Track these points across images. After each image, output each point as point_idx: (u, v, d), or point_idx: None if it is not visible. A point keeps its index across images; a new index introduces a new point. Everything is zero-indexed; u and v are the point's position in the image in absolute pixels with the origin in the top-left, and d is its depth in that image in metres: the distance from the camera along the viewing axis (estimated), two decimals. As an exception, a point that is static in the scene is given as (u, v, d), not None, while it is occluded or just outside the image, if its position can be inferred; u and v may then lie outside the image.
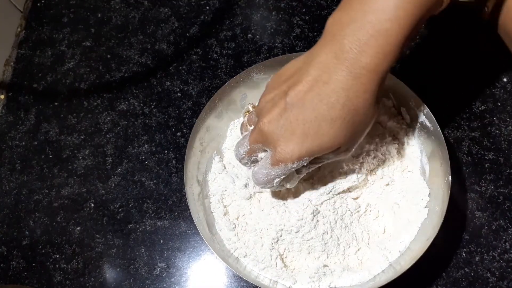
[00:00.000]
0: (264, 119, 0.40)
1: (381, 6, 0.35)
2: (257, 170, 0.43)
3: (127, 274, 0.51)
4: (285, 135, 0.39)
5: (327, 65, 0.37)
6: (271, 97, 0.41)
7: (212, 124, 0.51)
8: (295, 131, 0.39)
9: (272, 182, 0.43)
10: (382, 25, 0.35)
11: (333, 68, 0.37)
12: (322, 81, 0.37)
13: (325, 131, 0.38)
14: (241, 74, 0.51)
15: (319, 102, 0.37)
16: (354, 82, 0.37)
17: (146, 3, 0.66)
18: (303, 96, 0.38)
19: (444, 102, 0.56)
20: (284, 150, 0.39)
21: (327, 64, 0.37)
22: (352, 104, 0.37)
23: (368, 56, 0.36)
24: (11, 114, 0.61)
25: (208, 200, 0.49)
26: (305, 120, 0.38)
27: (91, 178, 0.56)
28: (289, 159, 0.39)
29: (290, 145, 0.39)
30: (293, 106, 0.38)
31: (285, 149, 0.39)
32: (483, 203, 0.51)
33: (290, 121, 0.39)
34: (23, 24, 0.67)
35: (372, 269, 0.45)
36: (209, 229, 0.47)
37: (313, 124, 0.38)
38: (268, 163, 0.41)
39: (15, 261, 0.53)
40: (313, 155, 0.40)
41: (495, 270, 0.49)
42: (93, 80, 0.62)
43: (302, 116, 0.38)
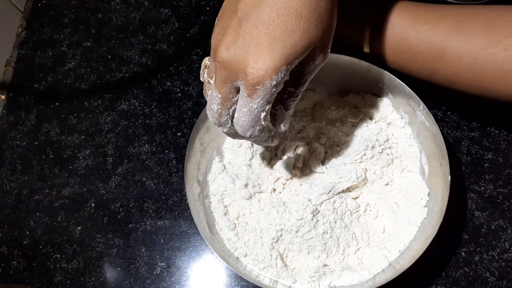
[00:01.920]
0: (221, 49, 0.34)
1: None
2: (237, 116, 0.36)
3: (127, 273, 0.52)
4: (250, 51, 0.33)
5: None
6: (220, 25, 0.36)
7: (212, 124, 0.51)
8: (260, 40, 0.33)
9: (259, 121, 0.36)
10: None
11: None
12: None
13: (294, 26, 0.33)
14: None
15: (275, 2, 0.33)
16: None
17: (147, 4, 0.66)
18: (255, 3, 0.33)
19: (443, 102, 0.56)
20: (255, 67, 0.33)
21: None
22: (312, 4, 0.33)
23: None
24: (12, 114, 0.61)
25: (208, 200, 0.49)
26: (267, 22, 0.33)
27: (92, 178, 0.56)
28: (266, 76, 0.33)
29: (260, 59, 0.33)
30: (248, 16, 0.33)
31: (256, 66, 0.33)
32: (483, 203, 0.51)
33: (249, 33, 0.33)
34: (24, 25, 0.67)
35: (371, 268, 0.45)
36: (209, 229, 0.47)
37: (278, 23, 0.33)
38: (244, 96, 0.35)
39: (16, 260, 0.53)
40: (290, 61, 0.34)
41: (494, 270, 0.49)
42: (94, 80, 0.62)
43: (262, 20, 0.33)
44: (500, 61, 0.43)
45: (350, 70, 0.51)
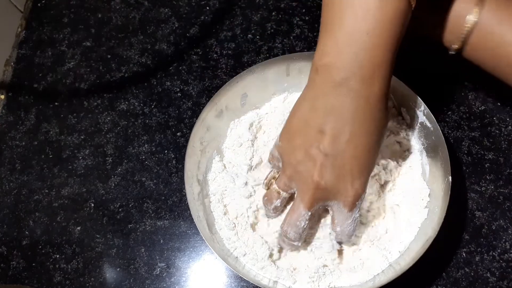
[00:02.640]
0: (314, 177, 0.40)
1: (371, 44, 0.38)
2: (341, 228, 0.43)
3: (127, 274, 0.51)
4: (346, 179, 0.40)
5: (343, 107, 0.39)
6: (300, 157, 0.41)
7: (212, 123, 0.51)
8: (352, 170, 0.40)
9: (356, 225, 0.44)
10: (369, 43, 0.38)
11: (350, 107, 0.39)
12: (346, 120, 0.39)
13: (374, 153, 0.41)
14: (242, 74, 0.51)
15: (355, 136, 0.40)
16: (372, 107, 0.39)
17: (146, 4, 0.66)
18: (337, 140, 0.40)
19: (444, 102, 0.56)
20: (354, 190, 0.41)
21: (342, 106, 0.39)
22: (381, 125, 0.41)
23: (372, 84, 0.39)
24: (11, 114, 0.61)
25: (208, 199, 0.49)
26: (356, 157, 0.40)
27: (91, 178, 0.56)
28: (362, 194, 0.41)
29: (356, 184, 0.41)
30: (334, 152, 0.40)
31: (354, 189, 0.41)
32: (483, 203, 0.51)
33: (340, 166, 0.40)
34: (24, 24, 0.67)
35: (371, 269, 0.45)
36: (209, 228, 0.47)
37: (365, 155, 0.40)
38: (345, 212, 0.42)
39: (15, 261, 0.53)
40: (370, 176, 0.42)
41: (495, 270, 0.49)
42: (93, 80, 0.62)
43: (351, 154, 0.40)
44: None
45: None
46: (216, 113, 0.51)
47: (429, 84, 0.54)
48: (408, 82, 0.48)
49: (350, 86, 0.39)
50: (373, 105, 0.39)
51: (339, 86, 0.39)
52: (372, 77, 0.38)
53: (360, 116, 0.39)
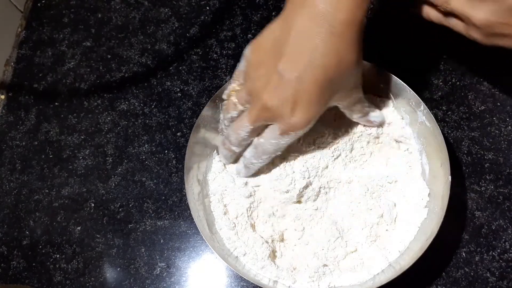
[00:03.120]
0: (263, 96, 0.42)
1: None
2: (263, 141, 0.44)
3: (127, 274, 0.51)
4: (289, 106, 0.41)
5: (307, 31, 0.39)
6: (261, 73, 0.42)
7: (212, 122, 0.51)
8: (298, 100, 0.40)
9: (279, 151, 0.45)
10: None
11: (315, 33, 0.39)
12: (309, 47, 0.39)
13: (327, 92, 0.41)
14: None
15: (314, 69, 0.39)
16: (340, 40, 0.39)
17: (146, 4, 0.66)
18: (295, 66, 0.40)
19: (444, 102, 0.56)
20: (292, 121, 0.41)
21: (306, 29, 0.39)
22: (345, 60, 0.40)
23: (343, 12, 0.38)
24: (12, 114, 0.61)
25: (208, 199, 0.49)
26: (305, 89, 0.40)
27: (91, 178, 0.56)
28: (299, 127, 0.42)
29: (297, 114, 0.41)
30: (289, 79, 0.40)
31: (293, 120, 0.41)
32: (483, 203, 0.51)
33: (289, 92, 0.40)
34: (24, 24, 0.67)
35: (371, 269, 0.45)
36: (209, 228, 0.47)
37: (315, 90, 0.40)
38: (276, 133, 0.43)
39: (16, 261, 0.53)
40: (319, 114, 0.43)
41: (495, 270, 0.49)
42: (94, 80, 0.62)
43: (302, 86, 0.40)
44: None
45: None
46: (217, 112, 0.51)
47: (429, 84, 0.54)
48: (408, 82, 0.48)
49: (317, 8, 0.38)
50: (337, 34, 0.39)
51: (307, 7, 0.39)
52: (339, 1, 0.38)
53: (321, 45, 0.39)
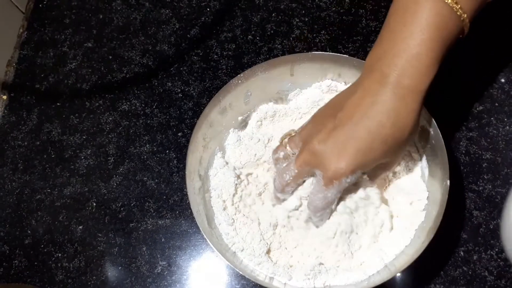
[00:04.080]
0: (314, 140, 0.42)
1: (409, 34, 0.40)
2: (312, 197, 0.44)
3: (128, 272, 0.52)
4: (336, 152, 0.41)
5: (371, 89, 0.41)
6: (318, 121, 0.44)
7: (215, 120, 0.51)
8: (347, 147, 0.41)
9: (330, 205, 0.44)
10: (413, 50, 0.39)
11: (378, 91, 0.40)
12: (369, 102, 0.41)
13: (377, 147, 0.41)
14: (246, 72, 0.51)
15: (369, 121, 0.40)
16: (400, 103, 0.40)
17: (147, 5, 0.67)
18: (351, 115, 0.41)
19: (442, 103, 0.56)
20: (337, 166, 0.41)
21: (370, 88, 0.41)
22: (401, 123, 0.41)
23: (408, 78, 0.40)
24: (14, 114, 0.61)
25: (209, 194, 0.50)
26: (357, 138, 0.41)
27: (93, 178, 0.57)
28: (343, 174, 0.41)
29: (342, 161, 0.41)
30: (342, 126, 0.41)
31: (338, 166, 0.41)
32: (481, 202, 0.52)
33: (340, 139, 0.41)
34: (25, 25, 0.67)
35: (367, 269, 0.45)
36: (208, 223, 0.47)
37: (366, 141, 0.41)
38: (321, 185, 0.43)
39: (18, 260, 0.54)
40: (365, 169, 0.43)
41: (493, 269, 0.49)
42: (95, 80, 0.62)
43: (353, 134, 0.41)
44: None
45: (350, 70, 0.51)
46: (220, 109, 0.51)
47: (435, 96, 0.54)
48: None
49: (384, 72, 0.40)
50: (399, 97, 0.40)
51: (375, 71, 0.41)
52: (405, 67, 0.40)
53: (381, 102, 0.40)
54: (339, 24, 0.63)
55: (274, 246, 0.47)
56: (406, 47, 0.39)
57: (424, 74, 0.40)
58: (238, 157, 0.51)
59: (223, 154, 0.52)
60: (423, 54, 0.39)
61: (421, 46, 0.39)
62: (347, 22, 0.63)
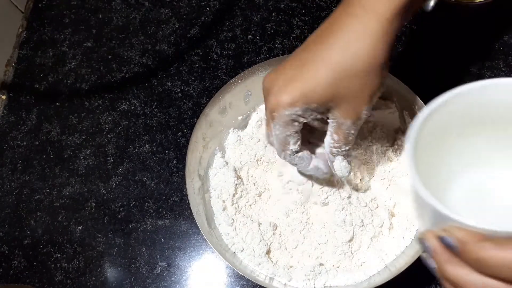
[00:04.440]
0: (266, 78, 0.40)
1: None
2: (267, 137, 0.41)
3: (128, 273, 0.52)
4: (281, 83, 0.37)
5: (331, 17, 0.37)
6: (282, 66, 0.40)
7: (215, 119, 0.51)
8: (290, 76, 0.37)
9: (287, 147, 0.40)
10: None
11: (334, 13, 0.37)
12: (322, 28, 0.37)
13: (322, 75, 0.36)
14: (246, 72, 0.51)
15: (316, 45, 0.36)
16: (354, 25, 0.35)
17: (147, 4, 0.67)
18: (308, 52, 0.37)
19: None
20: (275, 97, 0.37)
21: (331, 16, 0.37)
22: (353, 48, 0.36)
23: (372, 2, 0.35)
24: (13, 114, 0.61)
25: (209, 194, 0.49)
26: (302, 61, 0.37)
27: (92, 178, 0.57)
28: (281, 106, 0.37)
29: (282, 92, 0.37)
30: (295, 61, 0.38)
31: (276, 96, 0.37)
32: (482, 202, 0.52)
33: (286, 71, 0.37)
34: (25, 25, 0.67)
35: (367, 270, 0.45)
36: (208, 223, 0.47)
37: (310, 65, 0.36)
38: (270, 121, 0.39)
39: (17, 260, 0.53)
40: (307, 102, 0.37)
41: (493, 269, 0.49)
42: (94, 80, 0.62)
43: (300, 59, 0.37)
44: None
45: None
46: (220, 109, 0.51)
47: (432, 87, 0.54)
48: (411, 85, 0.48)
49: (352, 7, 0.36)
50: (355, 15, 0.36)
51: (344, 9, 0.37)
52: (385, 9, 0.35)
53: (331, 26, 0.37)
54: (339, 24, 0.63)
55: (274, 246, 0.47)
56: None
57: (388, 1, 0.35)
58: (238, 157, 0.51)
59: (223, 154, 0.52)
60: None
61: None
62: (347, 21, 0.63)
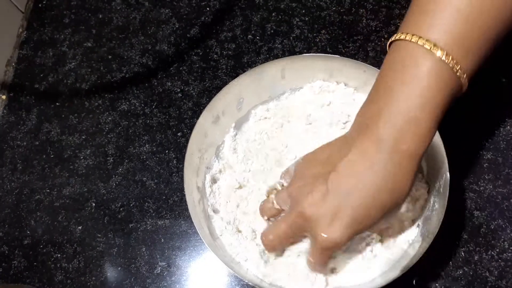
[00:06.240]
0: (305, 202, 0.40)
1: (407, 95, 0.37)
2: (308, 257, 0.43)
3: (128, 273, 0.52)
4: (330, 220, 0.39)
5: (366, 153, 0.38)
6: (308, 181, 0.41)
7: (210, 130, 0.51)
8: (342, 216, 0.39)
9: (326, 268, 0.44)
10: (411, 113, 0.37)
11: (374, 156, 0.38)
12: (364, 168, 0.38)
13: (374, 214, 0.39)
14: (237, 78, 0.51)
15: (365, 188, 0.38)
16: (397, 169, 0.38)
17: (147, 4, 0.67)
18: (346, 181, 0.39)
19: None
20: (331, 236, 0.39)
21: (365, 151, 0.38)
22: (398, 188, 0.38)
23: (405, 143, 0.37)
24: (13, 114, 0.61)
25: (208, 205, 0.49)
26: (352, 206, 0.38)
27: (92, 178, 0.57)
28: (337, 245, 0.39)
29: (337, 231, 0.39)
30: (336, 192, 0.39)
31: (332, 235, 0.39)
32: (482, 202, 0.52)
33: (334, 205, 0.39)
34: (25, 25, 0.67)
35: (373, 269, 0.45)
36: (210, 234, 0.47)
37: (362, 209, 0.38)
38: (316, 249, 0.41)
39: (17, 260, 0.53)
40: (359, 234, 0.41)
41: (494, 270, 0.49)
42: (94, 80, 0.62)
43: (348, 202, 0.38)
44: None
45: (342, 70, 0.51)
46: (213, 118, 0.51)
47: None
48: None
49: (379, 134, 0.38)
50: (396, 163, 0.38)
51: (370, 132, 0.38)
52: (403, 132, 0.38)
53: (377, 168, 0.38)
54: (340, 24, 0.63)
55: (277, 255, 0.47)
56: (404, 109, 0.37)
57: (422, 139, 0.37)
58: (235, 164, 0.51)
59: (220, 163, 0.51)
60: (422, 119, 0.37)
61: (420, 110, 0.37)
62: (348, 21, 0.63)
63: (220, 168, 0.51)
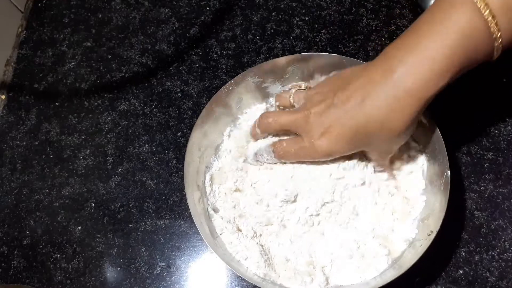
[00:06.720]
0: (311, 109, 0.44)
1: (431, 34, 0.38)
2: (285, 147, 0.46)
3: (127, 273, 0.52)
4: (322, 130, 0.43)
5: (373, 80, 0.40)
6: (324, 91, 0.44)
7: (209, 129, 0.51)
8: (332, 130, 0.42)
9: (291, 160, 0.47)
10: (429, 51, 0.38)
11: (378, 84, 0.40)
12: (365, 92, 0.40)
13: (359, 139, 0.42)
14: (236, 79, 0.51)
15: (360, 112, 0.41)
16: (396, 105, 0.39)
17: (147, 4, 0.66)
18: (348, 100, 0.41)
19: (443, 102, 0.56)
20: (317, 143, 0.43)
21: (373, 79, 0.40)
22: (390, 125, 0.40)
23: (411, 79, 0.38)
24: (12, 114, 0.61)
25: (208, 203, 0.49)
26: (344, 124, 0.42)
27: (92, 178, 0.56)
28: (319, 154, 0.44)
29: (322, 142, 0.43)
30: (337, 107, 0.42)
31: (318, 143, 0.43)
32: (482, 202, 0.51)
33: (330, 119, 0.42)
34: (24, 25, 0.67)
35: (373, 267, 0.45)
36: (210, 232, 0.47)
37: (351, 130, 0.42)
38: (298, 145, 0.45)
39: (16, 260, 0.53)
40: (342, 154, 0.44)
41: (494, 270, 0.49)
42: (94, 80, 0.62)
43: (342, 119, 0.42)
44: None
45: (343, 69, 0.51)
46: (213, 118, 0.51)
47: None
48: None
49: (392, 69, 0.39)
50: (397, 98, 0.39)
51: (385, 65, 0.40)
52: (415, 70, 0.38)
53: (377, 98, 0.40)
54: (340, 23, 0.63)
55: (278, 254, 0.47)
56: (423, 46, 0.37)
57: (430, 81, 0.38)
58: (235, 163, 0.51)
59: (219, 162, 0.51)
60: (437, 60, 0.37)
61: (439, 51, 0.37)
62: (348, 21, 0.63)
63: (219, 167, 0.51)
